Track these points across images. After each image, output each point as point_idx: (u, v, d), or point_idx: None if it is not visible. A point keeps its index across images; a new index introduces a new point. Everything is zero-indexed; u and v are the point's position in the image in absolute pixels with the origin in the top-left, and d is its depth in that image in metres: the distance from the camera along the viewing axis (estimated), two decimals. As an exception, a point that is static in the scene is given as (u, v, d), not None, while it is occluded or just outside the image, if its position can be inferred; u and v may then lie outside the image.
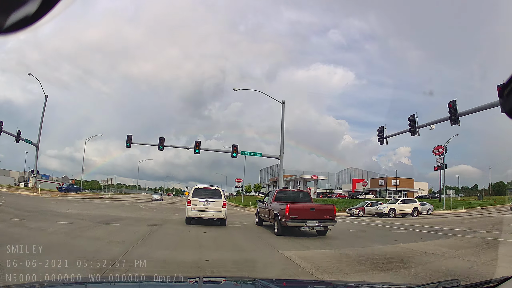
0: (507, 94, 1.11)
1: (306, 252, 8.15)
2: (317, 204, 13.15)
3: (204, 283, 2.49)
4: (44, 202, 22.03)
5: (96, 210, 18.03)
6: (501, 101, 1.15)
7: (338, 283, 3.73)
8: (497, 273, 5.64)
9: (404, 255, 7.72)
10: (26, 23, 0.76)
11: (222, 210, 12.45)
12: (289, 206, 10.66)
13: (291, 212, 10.51)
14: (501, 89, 1.13)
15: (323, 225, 10.93)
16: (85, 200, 31.57)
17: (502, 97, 1.13)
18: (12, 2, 0.73)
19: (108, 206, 23.29)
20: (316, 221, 10.77)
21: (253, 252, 8.17)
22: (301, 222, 10.63)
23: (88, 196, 42.71)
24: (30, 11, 0.75)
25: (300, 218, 10.61)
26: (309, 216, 10.77)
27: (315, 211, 11.00)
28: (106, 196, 47.85)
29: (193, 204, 12.50)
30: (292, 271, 5.81)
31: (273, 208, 11.64)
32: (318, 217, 10.84)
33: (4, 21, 0.74)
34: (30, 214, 13.24)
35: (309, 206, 11.26)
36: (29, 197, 26.95)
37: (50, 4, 0.77)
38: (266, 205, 12.67)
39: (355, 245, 9.73)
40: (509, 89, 1.09)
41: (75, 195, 42.32)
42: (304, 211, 10.82)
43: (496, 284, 1.75)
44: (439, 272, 5.96)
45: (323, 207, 11.66)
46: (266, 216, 12.67)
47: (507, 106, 1.13)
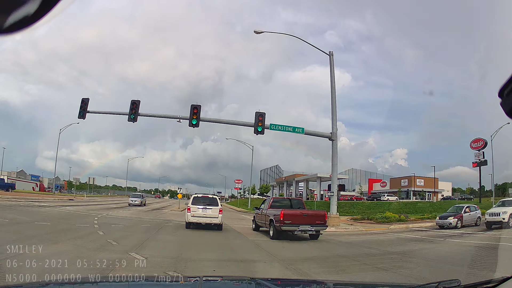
0: (507, 94, 1.10)
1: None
2: (309, 210, 14.03)
3: (204, 282, 2.47)
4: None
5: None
6: (501, 101, 1.13)
7: (338, 283, 3.78)
8: (497, 272, 5.61)
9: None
10: (26, 23, 0.77)
11: (219, 216, 13.73)
12: (283, 212, 11.60)
13: (285, 217, 11.44)
14: (501, 89, 1.12)
15: (315, 230, 11.85)
16: (11, 201, 23.50)
17: (502, 97, 1.12)
18: (12, 2, 0.73)
19: (31, 217, 14.22)
20: (308, 226, 11.69)
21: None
22: (295, 227, 11.55)
23: (34, 197, 34.82)
24: (30, 11, 0.75)
25: (294, 223, 11.54)
26: (302, 221, 11.68)
27: (308, 216, 11.94)
28: (80, 198, 41.87)
29: (193, 210, 13.74)
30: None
31: (268, 214, 12.56)
32: (310, 222, 11.76)
33: (4, 21, 0.74)
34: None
35: (302, 212, 12.19)
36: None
37: (49, 4, 0.77)
38: (262, 212, 13.61)
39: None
40: (509, 89, 1.08)
41: (4, 193, 32.52)
42: (297, 217, 11.74)
43: (496, 284, 1.73)
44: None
45: (315, 213, 12.60)
46: (262, 222, 13.58)
47: (507, 106, 1.11)
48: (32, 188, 51.38)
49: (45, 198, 35.30)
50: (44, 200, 30.09)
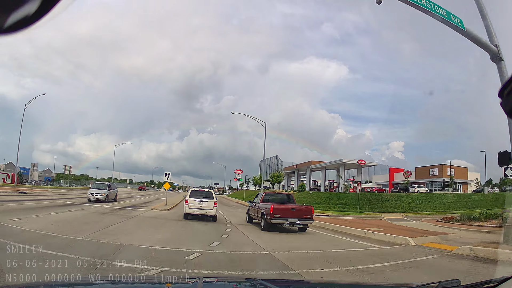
0: (507, 94, 1.08)
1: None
2: (298, 205, 14.98)
3: (204, 283, 2.48)
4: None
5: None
6: (501, 101, 1.10)
7: (338, 283, 3.81)
8: (497, 272, 5.67)
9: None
10: (26, 23, 0.76)
11: (214, 209, 15.15)
12: (273, 206, 12.65)
13: (274, 211, 12.48)
14: (501, 89, 1.08)
15: (302, 223, 12.84)
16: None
17: (502, 97, 1.10)
18: (12, 2, 0.73)
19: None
20: (296, 219, 12.68)
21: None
22: (283, 220, 12.57)
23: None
24: (30, 11, 0.75)
25: (283, 216, 12.56)
26: (290, 215, 12.69)
27: (296, 211, 12.93)
28: (40, 191, 36.03)
29: (190, 203, 15.10)
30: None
31: (260, 208, 13.60)
32: (298, 216, 12.74)
33: (4, 21, 0.74)
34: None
35: (291, 207, 13.20)
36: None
37: (49, 4, 0.77)
38: (255, 205, 14.64)
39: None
40: (509, 89, 1.07)
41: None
42: (286, 211, 12.75)
43: (496, 284, 1.73)
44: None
45: (302, 208, 13.57)
46: (255, 214, 14.61)
47: (507, 106, 1.10)
48: (2, 179, 48.16)
49: (2, 190, 29.33)
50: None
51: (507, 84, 1.08)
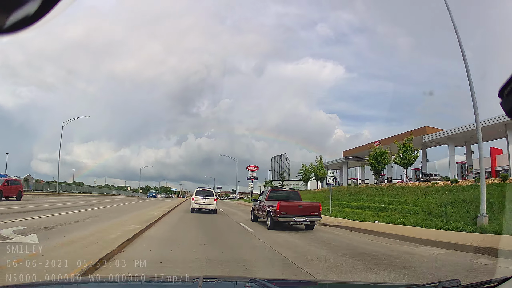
0: (507, 94, 1.08)
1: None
2: (305, 202, 14.55)
3: (204, 283, 2.48)
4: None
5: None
6: (501, 101, 1.11)
7: (338, 283, 3.80)
8: (497, 272, 5.63)
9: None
10: (26, 23, 0.76)
11: (214, 204, 18.86)
12: (280, 203, 12.18)
13: (281, 208, 12.03)
14: (501, 89, 1.09)
15: (310, 220, 12.38)
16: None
17: (502, 97, 1.10)
18: (12, 2, 0.73)
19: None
20: (303, 217, 12.23)
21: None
22: (290, 217, 12.12)
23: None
24: (30, 11, 0.75)
25: (290, 214, 12.11)
26: (297, 212, 12.23)
27: (303, 208, 12.47)
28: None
29: (196, 199, 18.71)
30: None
31: (266, 206, 13.16)
32: (305, 213, 12.28)
33: (4, 21, 0.74)
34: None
35: (298, 204, 12.74)
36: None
37: (49, 4, 0.77)
38: (260, 203, 14.21)
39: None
40: (509, 89, 1.07)
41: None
42: (293, 208, 12.29)
43: (496, 284, 1.71)
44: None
45: (310, 205, 13.11)
46: (260, 213, 14.19)
47: (507, 106, 1.11)
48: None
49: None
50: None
51: (507, 84, 1.07)
